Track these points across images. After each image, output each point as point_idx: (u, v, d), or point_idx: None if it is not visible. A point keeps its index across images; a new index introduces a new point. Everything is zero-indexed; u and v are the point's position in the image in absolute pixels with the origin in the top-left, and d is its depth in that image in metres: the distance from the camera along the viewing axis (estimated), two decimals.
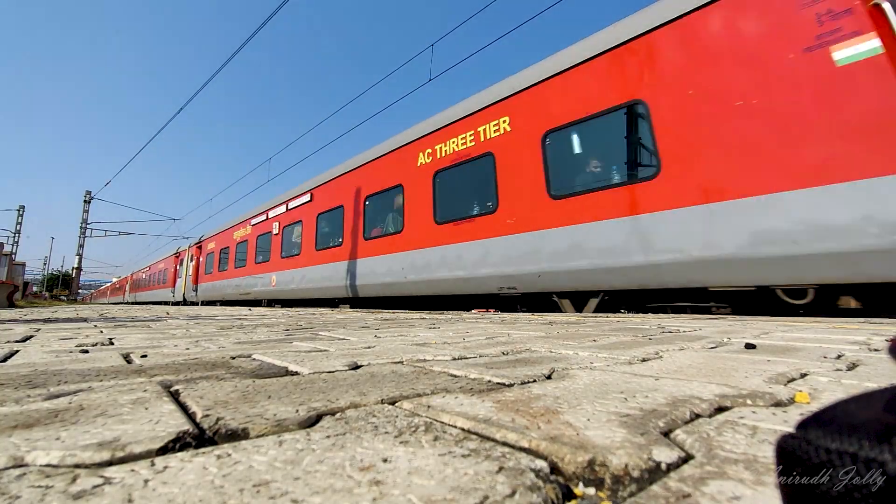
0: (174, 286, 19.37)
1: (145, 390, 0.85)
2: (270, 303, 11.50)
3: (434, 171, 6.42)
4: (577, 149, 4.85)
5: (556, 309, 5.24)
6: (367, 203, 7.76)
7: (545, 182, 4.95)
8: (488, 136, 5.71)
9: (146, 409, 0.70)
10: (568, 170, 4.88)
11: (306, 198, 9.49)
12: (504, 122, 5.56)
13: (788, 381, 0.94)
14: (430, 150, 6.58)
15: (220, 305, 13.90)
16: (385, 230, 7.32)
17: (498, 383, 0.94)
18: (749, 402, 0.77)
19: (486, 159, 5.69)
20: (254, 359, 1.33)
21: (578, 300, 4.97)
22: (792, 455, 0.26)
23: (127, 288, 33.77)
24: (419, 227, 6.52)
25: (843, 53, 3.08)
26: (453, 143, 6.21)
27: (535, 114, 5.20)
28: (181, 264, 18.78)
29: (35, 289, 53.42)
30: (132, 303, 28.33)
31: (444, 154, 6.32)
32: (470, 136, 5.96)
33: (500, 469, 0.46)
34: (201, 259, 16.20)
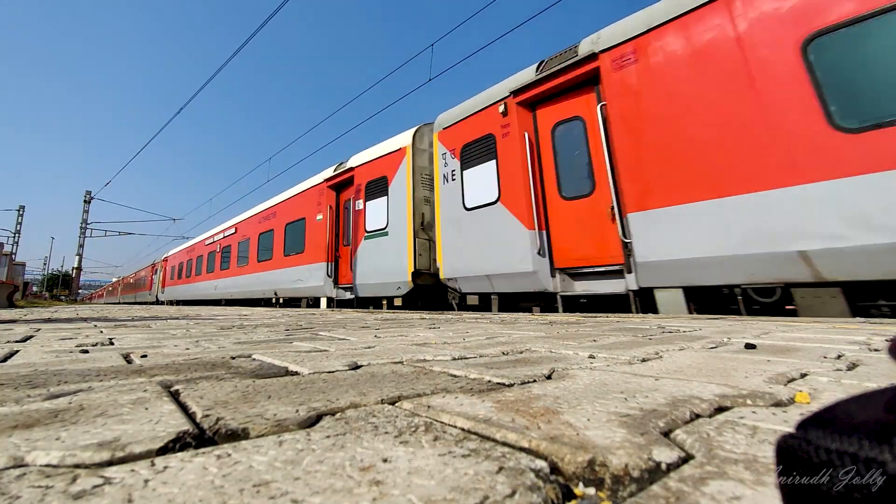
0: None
1: (145, 390, 0.85)
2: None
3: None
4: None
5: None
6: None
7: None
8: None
9: (146, 409, 0.70)
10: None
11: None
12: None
13: (788, 381, 0.94)
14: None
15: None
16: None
17: (498, 383, 0.94)
18: (749, 402, 0.77)
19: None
20: (254, 359, 1.33)
21: None
22: (792, 455, 0.26)
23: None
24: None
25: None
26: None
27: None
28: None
29: (35, 289, 53.48)
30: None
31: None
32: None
33: (500, 469, 0.46)
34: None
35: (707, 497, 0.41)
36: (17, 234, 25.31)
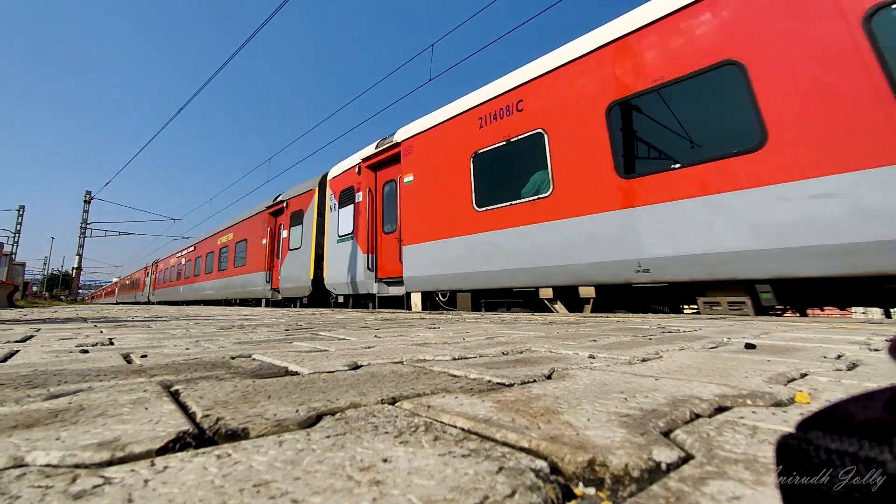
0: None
1: (145, 390, 0.85)
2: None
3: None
4: None
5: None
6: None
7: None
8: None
9: (146, 409, 0.70)
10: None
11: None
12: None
13: (788, 381, 0.94)
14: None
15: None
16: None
17: (498, 383, 0.94)
18: (749, 402, 0.77)
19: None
20: (254, 359, 1.33)
21: None
22: (792, 455, 0.26)
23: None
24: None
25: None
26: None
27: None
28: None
29: (35, 289, 53.51)
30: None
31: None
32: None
33: (500, 469, 0.46)
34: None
35: (707, 497, 0.41)
36: (17, 234, 25.31)
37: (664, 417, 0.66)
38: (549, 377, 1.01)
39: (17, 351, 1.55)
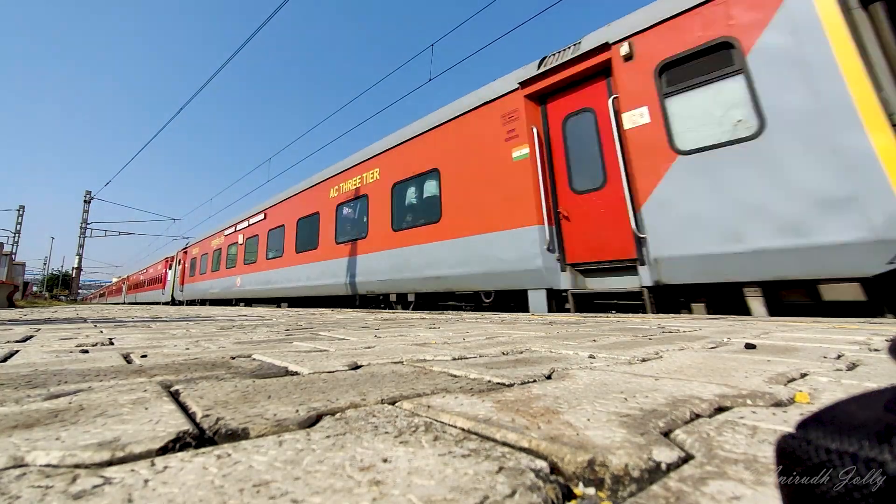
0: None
1: (145, 390, 0.85)
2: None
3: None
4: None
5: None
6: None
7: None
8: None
9: (146, 409, 0.70)
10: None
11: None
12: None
13: (788, 382, 0.94)
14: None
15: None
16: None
17: (498, 383, 0.94)
18: (749, 402, 0.77)
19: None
20: (254, 359, 1.33)
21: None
22: (792, 455, 0.26)
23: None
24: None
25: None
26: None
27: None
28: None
29: (35, 289, 53.55)
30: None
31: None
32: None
33: (500, 469, 0.46)
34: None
35: (707, 497, 0.41)
36: (17, 234, 25.31)
37: (664, 417, 0.66)
38: (549, 377, 1.01)
39: (17, 351, 1.55)
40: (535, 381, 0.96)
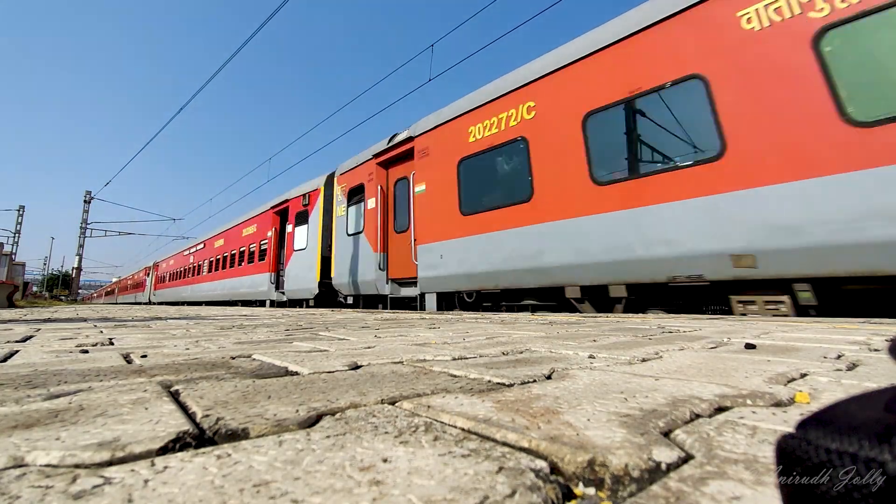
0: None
1: (145, 390, 0.85)
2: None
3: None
4: None
5: None
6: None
7: None
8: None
9: (146, 409, 0.70)
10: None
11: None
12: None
13: (788, 381, 0.94)
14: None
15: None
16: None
17: (498, 383, 0.94)
18: (749, 402, 0.77)
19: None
20: (254, 359, 1.33)
21: None
22: (792, 455, 0.26)
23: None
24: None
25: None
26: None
27: None
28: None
29: (35, 289, 53.54)
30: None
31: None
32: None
33: (500, 469, 0.46)
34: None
35: (707, 497, 0.41)
36: (17, 234, 25.30)
37: (664, 417, 0.66)
38: (549, 377, 1.01)
39: (18, 351, 1.55)
40: (535, 381, 0.96)
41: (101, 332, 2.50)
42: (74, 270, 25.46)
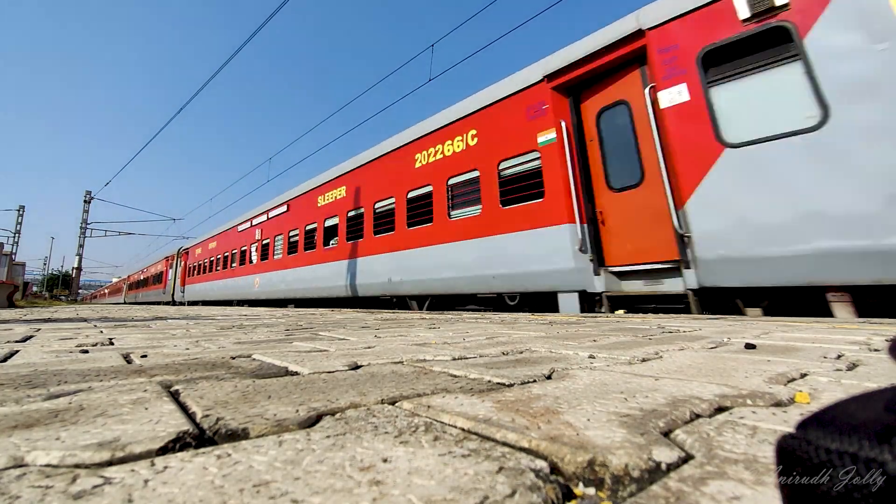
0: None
1: (145, 390, 0.85)
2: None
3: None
4: None
5: None
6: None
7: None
8: None
9: (146, 409, 0.70)
10: None
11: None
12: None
13: (788, 382, 0.94)
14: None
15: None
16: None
17: (498, 383, 0.94)
18: (749, 402, 0.77)
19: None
20: (254, 359, 1.33)
21: None
22: (792, 455, 0.26)
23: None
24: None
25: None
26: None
27: None
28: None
29: (35, 289, 53.57)
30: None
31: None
32: None
33: (500, 469, 0.46)
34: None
35: (707, 497, 0.41)
36: (17, 234, 25.30)
37: (664, 417, 0.66)
38: (549, 377, 1.01)
39: (18, 351, 1.55)
40: (535, 381, 0.96)
41: (101, 332, 2.50)
42: (74, 270, 25.46)
